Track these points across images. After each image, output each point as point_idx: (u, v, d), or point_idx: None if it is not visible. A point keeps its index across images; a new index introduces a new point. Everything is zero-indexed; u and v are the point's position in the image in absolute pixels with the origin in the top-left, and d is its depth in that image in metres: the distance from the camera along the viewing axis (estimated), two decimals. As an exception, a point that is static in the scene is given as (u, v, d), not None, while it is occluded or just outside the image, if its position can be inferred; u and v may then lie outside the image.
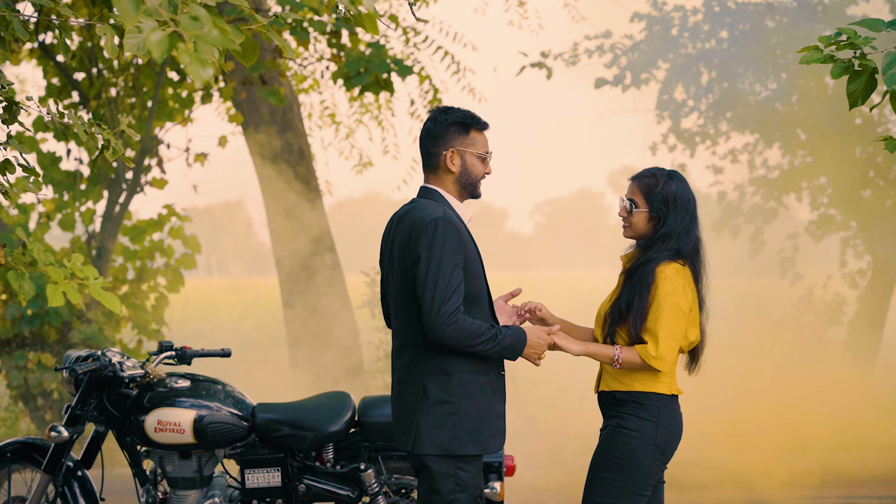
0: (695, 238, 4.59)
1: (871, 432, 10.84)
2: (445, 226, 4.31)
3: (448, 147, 4.49)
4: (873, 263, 14.14)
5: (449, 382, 4.35)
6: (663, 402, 4.51)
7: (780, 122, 13.37)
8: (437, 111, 4.56)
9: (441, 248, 4.28)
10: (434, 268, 4.26)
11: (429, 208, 4.39)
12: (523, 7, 12.81)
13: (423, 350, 4.39)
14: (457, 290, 4.26)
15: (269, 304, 22.54)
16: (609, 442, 4.51)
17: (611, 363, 4.48)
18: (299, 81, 12.35)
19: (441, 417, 4.35)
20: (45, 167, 10.97)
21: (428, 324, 4.25)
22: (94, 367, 5.46)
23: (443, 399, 4.36)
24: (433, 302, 4.23)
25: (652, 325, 4.43)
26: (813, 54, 4.09)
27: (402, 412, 4.45)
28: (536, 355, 4.46)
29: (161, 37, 2.94)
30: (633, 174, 4.67)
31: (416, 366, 4.40)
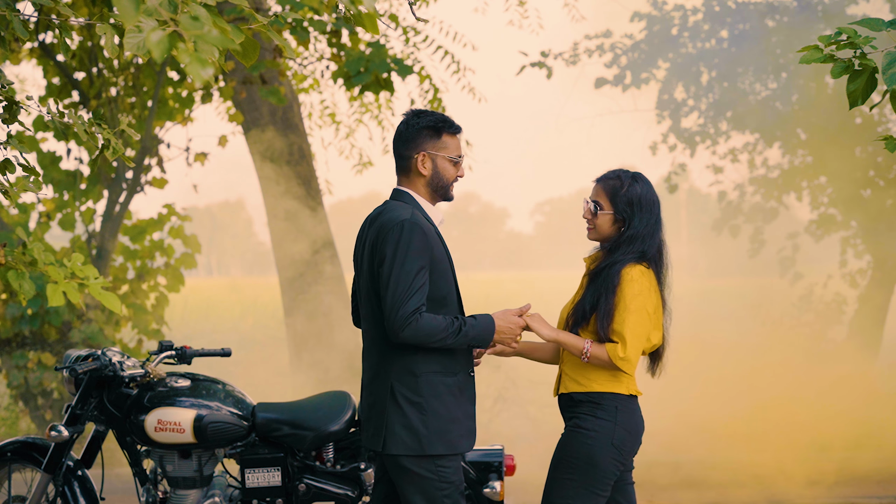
0: (659, 241, 4.60)
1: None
2: (412, 228, 4.34)
3: (419, 150, 4.53)
4: (873, 263, 14.14)
5: (416, 383, 4.38)
6: (620, 401, 4.52)
7: (781, 121, 13.37)
8: (410, 114, 4.59)
9: (405, 250, 4.32)
10: (397, 269, 4.30)
11: (397, 210, 4.43)
12: (523, 7, 12.81)
13: (389, 351, 4.43)
14: (418, 292, 4.30)
15: (269, 304, 22.56)
16: (567, 442, 4.53)
17: (579, 355, 4.49)
18: (299, 81, 12.35)
19: (410, 418, 4.38)
20: (46, 167, 10.97)
21: (388, 325, 4.31)
22: (94, 366, 5.47)
23: (412, 399, 4.38)
24: (393, 303, 4.28)
25: (619, 327, 4.44)
26: (813, 54, 4.09)
27: (371, 413, 4.48)
28: (511, 339, 4.49)
29: (161, 36, 2.94)
30: (597, 176, 4.68)
31: (383, 366, 4.44)
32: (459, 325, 4.34)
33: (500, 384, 13.15)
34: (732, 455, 10.21)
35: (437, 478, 4.40)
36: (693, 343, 13.86)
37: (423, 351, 4.38)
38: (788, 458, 9.89)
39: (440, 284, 4.41)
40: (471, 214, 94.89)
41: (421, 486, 4.39)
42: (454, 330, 4.33)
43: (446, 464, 4.42)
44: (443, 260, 4.44)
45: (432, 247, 4.39)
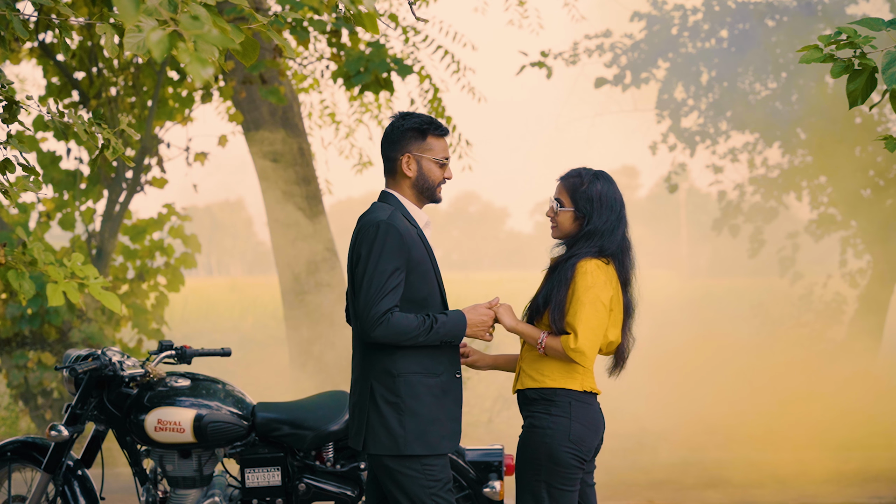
0: (621, 238, 4.60)
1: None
2: (387, 229, 4.36)
3: (404, 152, 4.55)
4: (873, 262, 14.14)
5: (394, 383, 4.40)
6: (574, 397, 4.52)
7: (780, 121, 13.37)
8: (397, 116, 4.61)
9: (379, 250, 4.34)
10: (370, 270, 4.32)
11: (376, 212, 4.46)
12: (523, 6, 12.81)
13: (368, 351, 4.45)
14: (392, 292, 4.32)
15: (269, 304, 22.56)
16: (525, 443, 4.55)
17: (535, 345, 4.51)
18: (299, 81, 12.35)
19: (388, 418, 4.39)
20: (45, 166, 10.97)
21: (361, 325, 4.34)
22: (94, 366, 5.46)
23: (389, 399, 4.40)
24: (364, 303, 4.31)
25: (571, 319, 4.45)
26: (813, 53, 4.09)
27: (354, 412, 4.51)
28: (483, 331, 4.51)
29: (161, 36, 2.94)
30: (560, 175, 4.70)
31: (364, 366, 4.47)
32: (430, 322, 4.37)
33: (500, 384, 13.16)
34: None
35: (423, 476, 4.40)
36: (693, 343, 13.86)
37: (403, 351, 4.39)
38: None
39: (419, 286, 4.43)
40: (470, 214, 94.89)
41: (406, 485, 4.40)
42: (426, 328, 4.35)
43: (432, 462, 4.43)
44: (423, 262, 4.45)
45: (410, 248, 4.40)
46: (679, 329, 14.80)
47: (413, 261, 4.40)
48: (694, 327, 15.55)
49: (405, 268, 4.37)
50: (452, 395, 4.51)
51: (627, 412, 10.84)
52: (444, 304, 4.56)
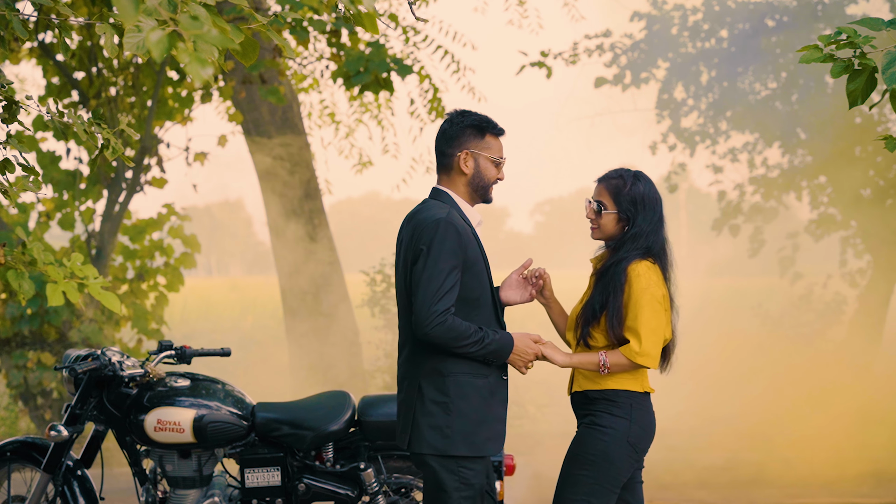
0: (662, 237, 4.60)
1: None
2: (446, 227, 4.35)
3: (462, 149, 4.53)
4: (873, 262, 14.13)
5: (444, 383, 4.39)
6: (635, 399, 4.52)
7: (780, 121, 13.36)
8: (455, 113, 4.60)
9: (439, 249, 4.32)
10: (430, 268, 4.30)
11: (433, 209, 4.43)
12: (523, 6, 12.81)
13: (418, 349, 4.44)
14: (450, 292, 4.31)
15: (268, 304, 22.55)
16: (582, 439, 4.53)
17: (597, 369, 4.48)
18: (299, 81, 12.35)
19: (436, 417, 4.39)
20: (45, 166, 10.97)
21: (417, 321, 4.31)
22: (93, 366, 5.46)
23: (437, 399, 4.39)
24: (423, 301, 4.29)
25: (632, 323, 4.44)
26: (813, 53, 4.09)
27: (401, 410, 4.51)
28: (522, 363, 4.49)
29: (161, 36, 2.94)
30: (599, 176, 4.68)
31: (412, 364, 4.46)
32: (483, 335, 4.36)
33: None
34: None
35: (457, 478, 4.40)
36: (695, 342, 13.87)
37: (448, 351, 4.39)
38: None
39: (472, 285, 4.42)
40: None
41: (441, 485, 4.41)
42: (476, 339, 4.34)
43: (470, 466, 4.42)
44: (477, 261, 4.45)
45: (466, 247, 4.40)
46: (680, 328, 14.78)
47: (468, 260, 4.40)
48: (694, 327, 15.56)
49: (461, 267, 4.37)
50: (499, 396, 4.51)
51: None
52: (494, 306, 4.54)
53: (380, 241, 67.00)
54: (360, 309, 12.68)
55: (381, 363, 12.58)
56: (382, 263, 12.68)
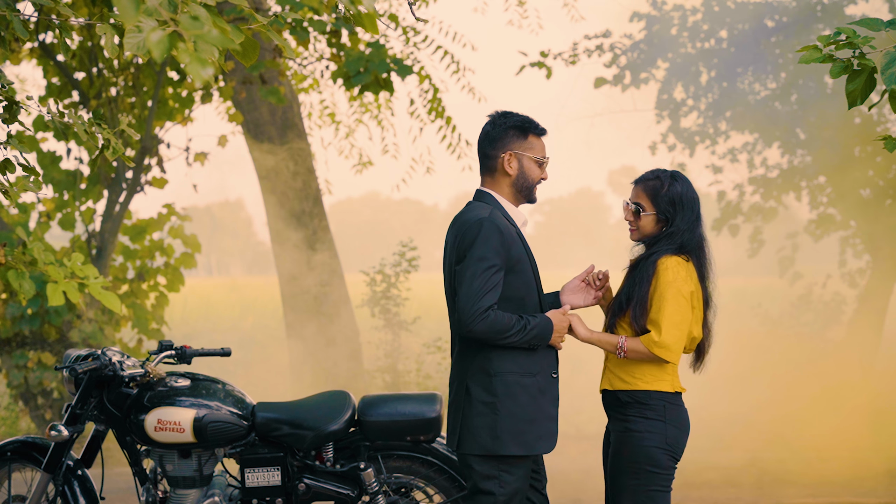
0: (699, 235, 4.62)
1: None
2: (489, 227, 4.40)
3: (506, 150, 4.57)
4: (872, 263, 14.14)
5: (491, 383, 4.43)
6: (667, 399, 4.53)
7: (780, 121, 13.36)
8: (497, 115, 4.64)
9: (481, 248, 4.37)
10: (472, 267, 4.35)
11: (476, 210, 4.49)
12: (523, 6, 12.82)
13: (465, 350, 4.50)
14: (492, 290, 4.35)
15: (268, 304, 22.54)
16: (621, 448, 4.54)
17: (615, 351, 4.51)
18: (299, 81, 12.36)
19: (484, 417, 4.42)
20: (46, 166, 10.98)
21: (461, 319, 4.37)
22: (94, 366, 5.46)
23: (485, 399, 4.43)
24: (466, 299, 4.33)
25: (655, 315, 4.46)
26: (812, 54, 4.10)
27: (450, 411, 4.56)
28: (559, 338, 4.54)
29: (161, 36, 2.95)
30: (636, 177, 4.70)
31: (460, 365, 4.53)
32: (525, 323, 4.40)
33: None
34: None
35: (498, 481, 4.44)
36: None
37: (500, 351, 4.42)
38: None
39: (517, 285, 4.46)
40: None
41: (481, 486, 4.44)
42: (520, 328, 4.38)
43: (513, 470, 4.45)
44: (522, 260, 4.48)
45: (509, 246, 4.43)
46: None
47: (512, 259, 4.43)
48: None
49: (504, 266, 4.40)
50: (549, 395, 4.53)
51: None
52: (540, 305, 4.58)
53: (380, 242, 66.93)
54: (360, 309, 12.68)
55: (381, 363, 12.58)
56: (382, 263, 12.69)
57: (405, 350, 12.79)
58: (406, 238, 12.91)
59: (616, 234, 70.42)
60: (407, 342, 12.95)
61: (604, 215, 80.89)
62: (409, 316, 13.15)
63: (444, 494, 5.61)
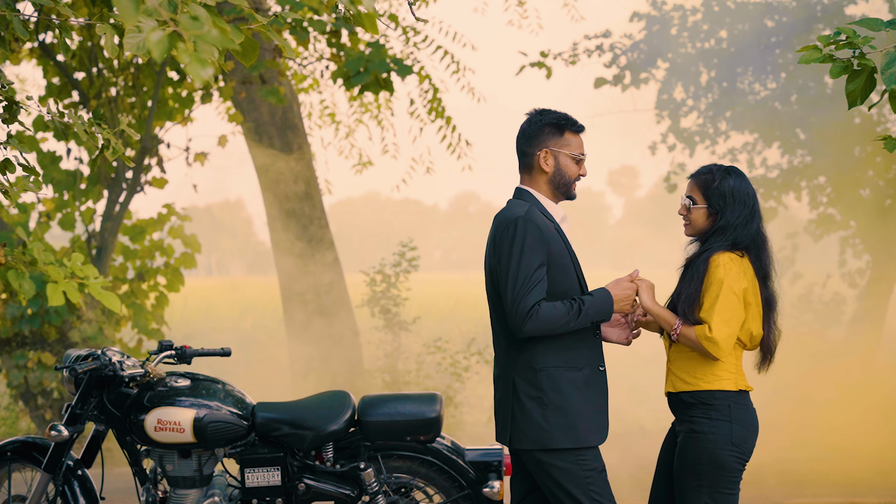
0: (755, 231, 4.62)
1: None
2: (526, 224, 4.42)
3: (542, 147, 4.60)
4: (872, 263, 14.14)
5: (537, 378, 4.44)
6: (731, 398, 4.52)
7: (780, 121, 13.37)
8: (534, 112, 4.68)
9: (521, 246, 4.39)
10: (514, 265, 4.37)
11: (513, 208, 4.52)
12: (523, 7, 12.82)
13: (509, 346, 4.52)
14: (537, 287, 4.36)
15: (268, 304, 22.54)
16: (686, 449, 4.54)
17: (669, 330, 4.54)
18: (299, 81, 12.36)
19: (532, 413, 4.44)
20: (45, 166, 10.97)
21: (510, 321, 4.38)
22: (94, 366, 5.46)
23: (532, 394, 4.45)
24: (512, 300, 4.35)
25: (706, 312, 4.48)
26: (812, 54, 4.10)
27: (498, 408, 4.58)
28: (628, 304, 4.56)
29: (161, 36, 2.95)
30: (691, 173, 4.76)
31: (506, 362, 4.54)
32: (578, 305, 4.40)
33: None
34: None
35: (577, 467, 4.44)
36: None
37: (544, 345, 4.43)
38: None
39: (559, 280, 4.48)
40: (470, 214, 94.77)
41: (560, 478, 4.44)
42: (574, 312, 4.39)
43: (583, 453, 4.47)
44: (563, 256, 4.50)
45: (549, 242, 4.45)
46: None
47: (553, 255, 4.45)
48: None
49: (546, 262, 4.42)
50: (597, 387, 4.55)
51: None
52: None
53: (379, 242, 66.92)
54: (360, 309, 12.69)
55: (381, 363, 12.58)
56: (382, 263, 12.69)
57: (405, 350, 12.79)
58: (406, 238, 12.92)
59: (616, 234, 70.39)
60: (407, 342, 12.95)
61: (604, 215, 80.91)
62: (409, 316, 13.15)
63: (444, 494, 5.61)
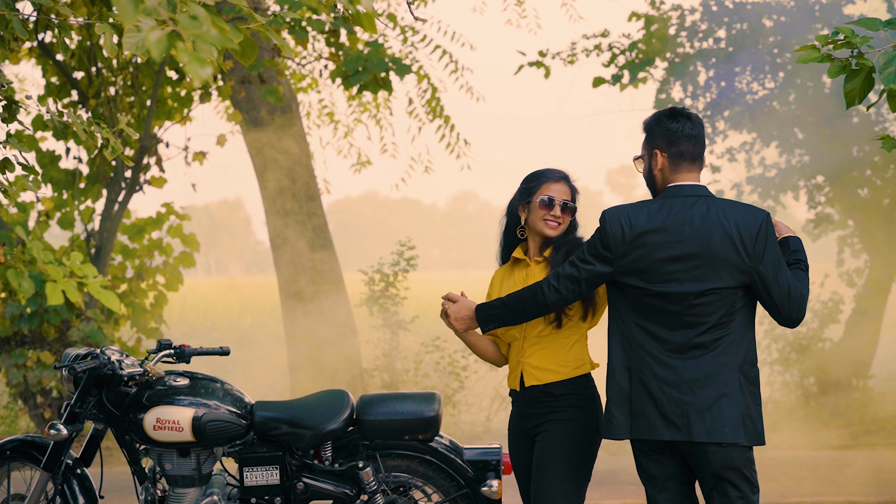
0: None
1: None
2: (769, 217, 4.54)
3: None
4: (870, 262, 14.16)
5: (754, 373, 4.48)
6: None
7: (778, 121, 13.38)
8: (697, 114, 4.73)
9: (774, 238, 4.52)
10: (780, 259, 4.49)
11: (741, 203, 4.62)
12: (521, 6, 12.83)
13: (732, 342, 4.45)
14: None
15: (267, 303, 22.57)
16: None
17: None
18: (298, 80, 12.37)
19: (752, 409, 4.44)
20: (45, 166, 10.98)
21: (793, 312, 4.47)
22: (93, 365, 5.47)
23: (752, 391, 4.46)
24: (793, 290, 4.45)
25: None
26: (810, 53, 4.11)
27: (716, 403, 4.40)
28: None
29: (160, 36, 2.96)
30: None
31: (726, 359, 4.43)
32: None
33: (498, 383, 13.17)
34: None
35: (752, 463, 4.47)
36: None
37: (754, 342, 4.49)
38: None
39: None
40: (469, 213, 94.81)
41: (747, 473, 4.44)
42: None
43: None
44: None
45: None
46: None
47: None
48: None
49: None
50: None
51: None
52: None
53: (378, 241, 66.87)
54: (359, 308, 12.70)
55: (380, 362, 12.59)
56: (381, 263, 12.69)
57: (403, 349, 12.80)
58: (404, 237, 12.93)
59: (614, 234, 70.33)
60: (405, 341, 12.96)
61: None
62: (407, 315, 13.16)
63: (442, 493, 5.61)
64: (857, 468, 9.70)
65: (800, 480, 9.21)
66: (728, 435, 4.36)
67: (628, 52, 13.97)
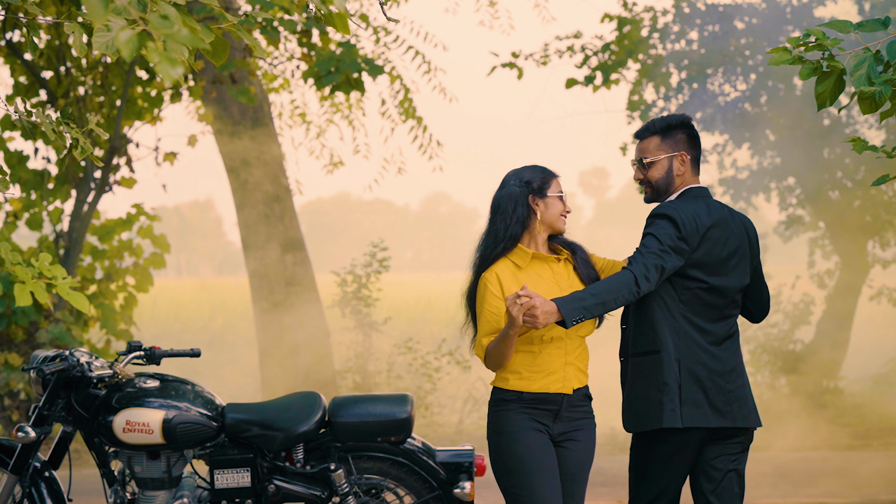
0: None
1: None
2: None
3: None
4: (841, 264, 14.24)
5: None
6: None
7: (749, 122, 13.44)
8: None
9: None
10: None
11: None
12: (494, 7, 12.84)
13: (737, 337, 4.80)
14: None
15: (238, 304, 22.49)
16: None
17: None
18: (269, 81, 12.33)
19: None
20: (13, 166, 10.90)
21: (766, 308, 4.98)
22: (61, 367, 5.42)
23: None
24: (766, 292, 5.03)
25: None
26: (782, 55, 4.12)
27: (743, 394, 4.71)
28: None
29: (130, 35, 2.93)
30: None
31: (736, 351, 4.78)
32: None
33: (471, 384, 13.17)
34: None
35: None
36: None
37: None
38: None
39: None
40: (441, 214, 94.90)
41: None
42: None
43: None
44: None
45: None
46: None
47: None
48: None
49: None
50: None
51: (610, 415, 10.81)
52: None
53: (350, 242, 66.85)
54: (331, 310, 12.66)
55: (352, 364, 12.56)
56: (353, 264, 12.67)
57: (376, 351, 12.78)
58: (377, 238, 12.90)
59: (587, 235, 70.50)
60: (378, 343, 12.94)
61: (574, 216, 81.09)
62: (379, 317, 13.14)
63: (414, 495, 5.60)
64: (831, 468, 9.74)
65: (775, 481, 9.23)
66: (754, 420, 4.70)
67: (601, 54, 13.99)
